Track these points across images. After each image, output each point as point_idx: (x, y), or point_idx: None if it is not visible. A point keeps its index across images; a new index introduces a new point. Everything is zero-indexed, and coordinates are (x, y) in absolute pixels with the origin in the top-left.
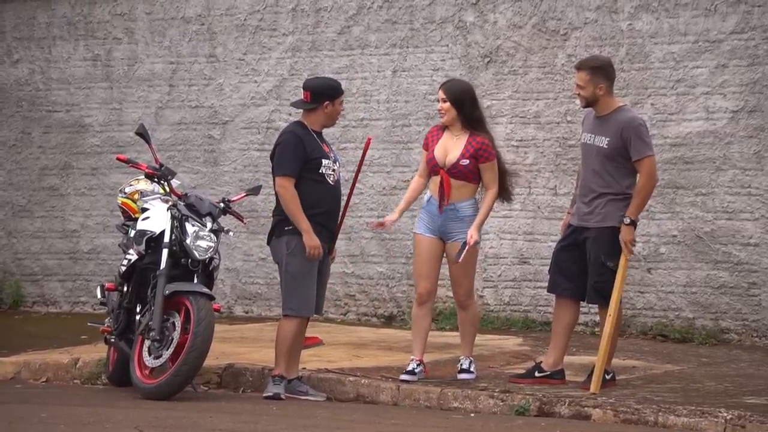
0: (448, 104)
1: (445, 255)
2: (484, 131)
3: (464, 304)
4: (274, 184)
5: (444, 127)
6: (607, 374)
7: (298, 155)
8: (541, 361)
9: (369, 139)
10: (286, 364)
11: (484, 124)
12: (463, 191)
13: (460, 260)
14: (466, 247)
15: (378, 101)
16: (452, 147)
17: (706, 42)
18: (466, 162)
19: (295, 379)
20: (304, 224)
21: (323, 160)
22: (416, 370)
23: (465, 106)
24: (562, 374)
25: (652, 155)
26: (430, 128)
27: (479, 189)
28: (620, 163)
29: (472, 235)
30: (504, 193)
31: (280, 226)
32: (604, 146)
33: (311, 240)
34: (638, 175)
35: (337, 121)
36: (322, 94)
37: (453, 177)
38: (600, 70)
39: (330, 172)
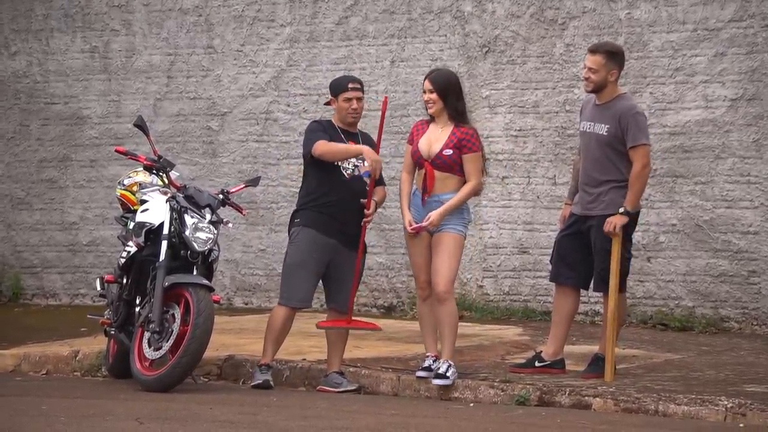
0: (435, 95)
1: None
2: (468, 122)
3: (442, 297)
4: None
5: (430, 121)
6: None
7: (318, 133)
8: (541, 351)
9: (386, 99)
10: (272, 353)
11: (466, 115)
12: (447, 183)
13: (409, 229)
14: (418, 225)
15: (376, 92)
16: (436, 138)
17: (705, 30)
18: (449, 152)
19: (333, 373)
20: (352, 148)
21: None
22: (432, 366)
23: (450, 97)
24: (562, 364)
25: (648, 144)
26: (415, 123)
27: None
28: (620, 150)
29: (430, 217)
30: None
31: (294, 218)
32: (604, 133)
33: (361, 150)
34: (633, 163)
35: (353, 118)
36: (330, 92)
37: (437, 168)
38: (616, 56)
39: (347, 166)
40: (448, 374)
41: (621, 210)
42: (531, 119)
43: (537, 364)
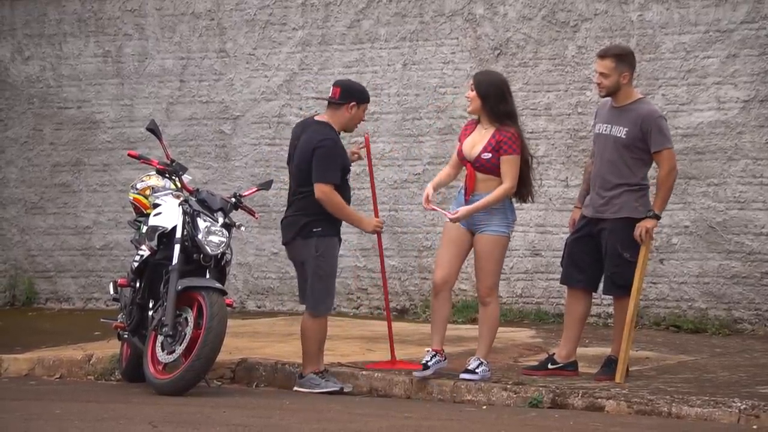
0: (474, 93)
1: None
2: (512, 125)
3: (485, 300)
4: (289, 184)
5: (477, 121)
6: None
7: (339, 163)
8: (554, 353)
9: (367, 137)
10: (320, 360)
11: (512, 118)
12: (489, 184)
13: (425, 206)
14: (441, 211)
15: (388, 95)
16: (479, 140)
17: (717, 32)
18: (488, 156)
19: (311, 374)
20: (356, 216)
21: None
22: (429, 363)
23: (490, 99)
24: (575, 366)
25: (672, 148)
26: (467, 121)
27: None
28: (637, 153)
29: (457, 210)
30: (522, 193)
31: (308, 228)
32: (622, 136)
33: (371, 223)
34: (659, 168)
35: (355, 129)
36: (352, 94)
37: (477, 170)
38: (625, 58)
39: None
40: (477, 371)
41: (650, 214)
42: (543, 121)
43: (550, 366)
